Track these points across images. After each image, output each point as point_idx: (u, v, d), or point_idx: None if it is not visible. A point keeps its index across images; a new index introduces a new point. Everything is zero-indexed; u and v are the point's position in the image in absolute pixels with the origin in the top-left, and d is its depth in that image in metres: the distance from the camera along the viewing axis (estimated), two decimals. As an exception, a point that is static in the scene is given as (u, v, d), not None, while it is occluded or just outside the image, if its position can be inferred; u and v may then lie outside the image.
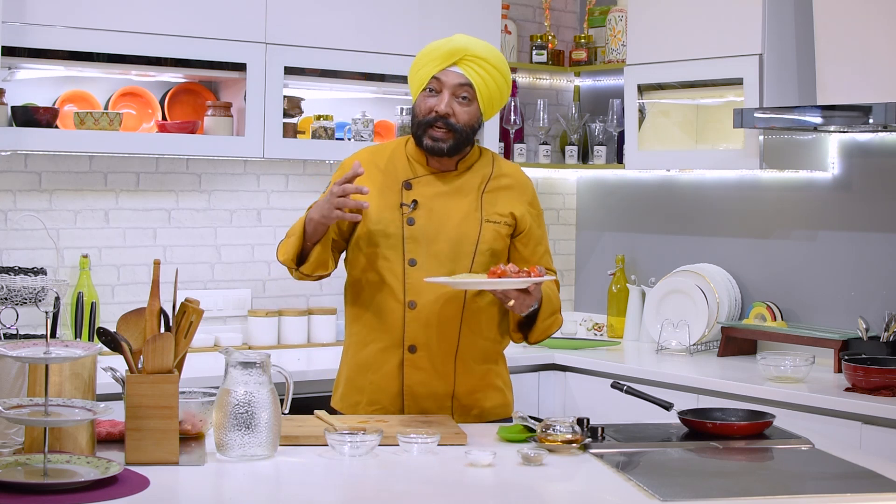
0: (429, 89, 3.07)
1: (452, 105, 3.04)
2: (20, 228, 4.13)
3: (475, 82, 3.04)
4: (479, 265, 3.07)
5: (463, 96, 3.05)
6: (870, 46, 3.90)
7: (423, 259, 3.05)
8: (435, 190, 3.10)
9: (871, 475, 2.57)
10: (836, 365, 4.14)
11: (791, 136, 4.37)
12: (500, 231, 3.11)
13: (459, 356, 3.08)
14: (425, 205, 3.08)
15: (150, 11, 4.02)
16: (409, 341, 3.06)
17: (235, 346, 4.37)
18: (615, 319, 5.02)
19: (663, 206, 5.05)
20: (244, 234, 4.60)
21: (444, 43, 3.06)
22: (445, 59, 3.04)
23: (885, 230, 4.31)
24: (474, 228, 3.08)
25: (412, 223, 3.07)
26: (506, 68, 3.10)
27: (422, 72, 3.07)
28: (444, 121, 3.04)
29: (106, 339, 2.55)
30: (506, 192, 3.15)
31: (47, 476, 2.29)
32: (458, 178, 3.13)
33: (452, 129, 3.05)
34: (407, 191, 3.10)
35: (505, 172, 3.18)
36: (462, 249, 3.07)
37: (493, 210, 3.11)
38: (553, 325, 3.12)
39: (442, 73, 3.05)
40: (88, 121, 3.97)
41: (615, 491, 2.42)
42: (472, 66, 3.04)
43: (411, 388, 3.07)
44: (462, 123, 3.05)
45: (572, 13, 5.45)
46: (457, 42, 3.05)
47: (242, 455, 2.55)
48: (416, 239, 3.05)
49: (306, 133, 4.53)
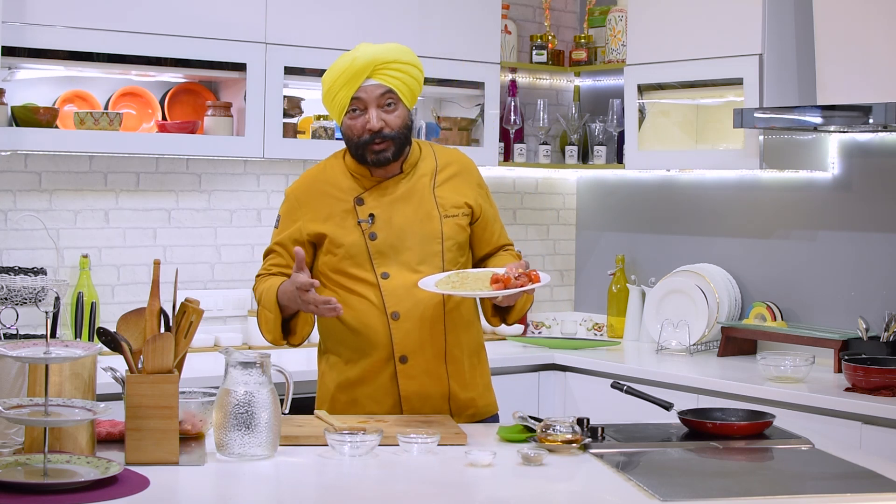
0: (352, 109, 3.04)
1: (381, 117, 3.02)
2: (20, 228, 4.13)
3: (395, 86, 3.02)
4: (449, 262, 3.06)
5: (388, 104, 3.03)
6: (870, 46, 3.90)
7: (395, 269, 3.04)
8: (387, 198, 3.08)
9: (871, 475, 2.57)
10: (836, 365, 4.14)
11: (791, 136, 4.37)
12: (461, 223, 3.11)
13: (449, 355, 3.08)
14: (382, 216, 3.06)
15: (150, 11, 4.02)
16: (399, 352, 3.04)
17: (235, 346, 4.36)
18: (615, 319, 5.02)
19: (663, 206, 5.05)
20: (244, 234, 4.60)
21: (350, 62, 3.00)
22: (358, 77, 3.00)
23: (885, 230, 4.31)
24: (436, 227, 3.07)
25: (374, 238, 3.05)
26: (413, 57, 3.06)
27: (339, 96, 3.03)
28: (380, 135, 3.02)
29: (106, 339, 2.55)
30: (455, 180, 3.14)
31: (47, 476, 2.29)
32: (407, 181, 3.11)
33: (390, 138, 3.03)
34: (360, 206, 3.07)
35: (449, 160, 3.17)
36: (429, 250, 3.06)
37: (448, 204, 3.11)
38: (527, 302, 3.11)
39: (359, 90, 3.02)
40: (88, 121, 3.97)
41: (615, 491, 2.42)
42: (386, 71, 3.01)
43: (408, 397, 3.06)
44: (397, 128, 3.03)
45: (572, 13, 5.45)
46: (363, 56, 3.00)
47: (242, 455, 2.55)
48: (382, 252, 3.04)
49: (306, 133, 4.53)
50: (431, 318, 3.04)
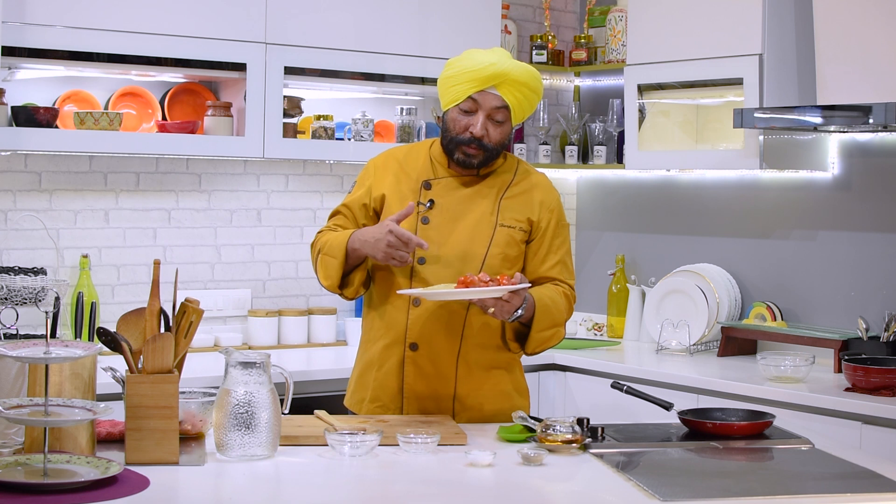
0: (464, 108, 3.05)
1: (487, 126, 3.04)
2: (20, 228, 4.13)
3: (512, 105, 3.04)
4: (488, 269, 3.04)
5: (498, 119, 3.05)
6: (870, 46, 3.90)
7: (433, 258, 3.05)
8: (453, 192, 3.11)
9: (871, 475, 2.57)
10: (836, 365, 4.14)
11: (791, 136, 4.37)
12: (515, 236, 3.09)
13: (462, 357, 3.07)
14: (441, 205, 3.09)
15: (150, 11, 4.02)
16: (410, 339, 3.06)
17: (235, 346, 4.37)
18: (615, 319, 5.02)
19: (663, 206, 5.05)
20: (244, 234, 4.60)
21: (486, 66, 3.01)
22: (485, 83, 3.01)
23: (885, 230, 4.31)
24: (487, 232, 3.07)
25: (426, 222, 3.07)
26: (540, 85, 3.09)
27: (457, 88, 3.04)
28: (479, 143, 3.04)
29: (106, 339, 2.55)
30: (526, 196, 3.13)
31: (47, 476, 2.29)
32: (478, 182, 3.12)
33: (485, 149, 3.05)
34: (426, 190, 3.10)
35: (529, 179, 3.16)
36: (473, 252, 3.05)
37: (509, 215, 3.10)
38: (553, 337, 3.08)
39: (479, 94, 3.03)
40: (88, 121, 3.97)
41: (615, 491, 2.42)
42: (511, 89, 3.03)
43: (411, 387, 3.07)
44: (494, 143, 3.06)
45: (572, 13, 5.45)
46: (499, 66, 3.01)
47: (242, 455, 2.55)
48: (428, 238, 3.04)
49: (306, 133, 4.53)
50: (452, 315, 3.04)
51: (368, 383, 3.13)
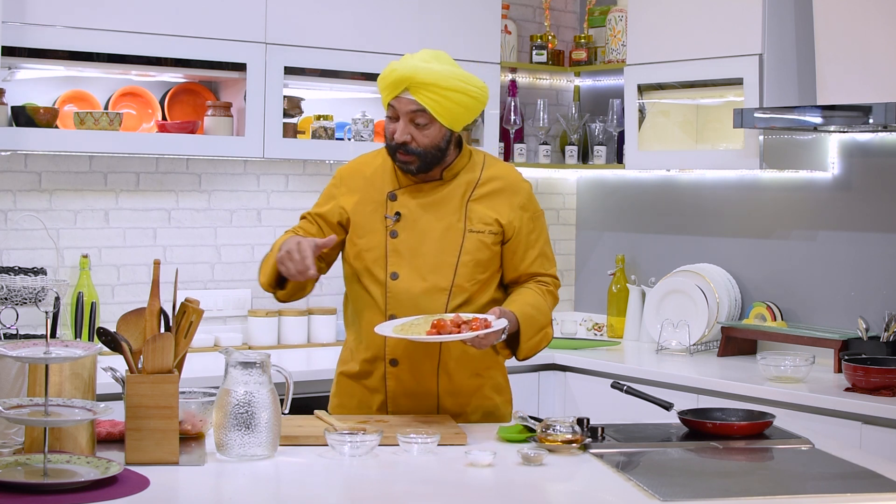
0: (389, 115, 3.03)
1: (410, 131, 2.98)
2: (20, 228, 4.13)
3: (429, 106, 2.96)
4: (461, 276, 3.02)
5: (419, 122, 2.98)
6: (870, 46, 3.90)
7: (406, 272, 3.02)
8: (418, 201, 3.06)
9: (871, 475, 2.57)
10: (836, 365, 4.14)
11: (791, 136, 4.37)
12: (485, 240, 3.04)
13: (443, 369, 3.05)
14: (408, 217, 3.05)
15: (150, 11, 4.02)
16: (390, 355, 3.04)
17: (235, 346, 4.37)
18: (615, 319, 5.02)
19: (663, 206, 5.05)
20: (244, 234, 4.60)
21: (391, 71, 2.97)
22: (395, 88, 2.97)
23: (885, 230, 4.31)
24: (456, 240, 3.03)
25: (395, 236, 3.04)
26: (461, 84, 2.96)
27: (381, 97, 3.03)
28: (405, 148, 2.99)
29: (106, 339, 2.55)
30: (493, 197, 3.07)
31: (47, 476, 2.29)
32: (443, 188, 3.07)
33: (414, 154, 3.00)
34: (392, 202, 3.07)
35: (496, 175, 3.10)
36: (444, 262, 3.02)
37: (477, 219, 3.05)
38: (542, 341, 3.05)
39: (395, 100, 2.99)
40: (88, 121, 3.97)
41: (615, 491, 2.42)
42: (423, 91, 2.95)
43: (395, 401, 3.06)
44: (423, 146, 2.99)
45: (572, 13, 5.45)
46: (402, 70, 2.95)
47: (242, 455, 2.55)
48: (398, 252, 3.03)
49: (306, 133, 4.53)
50: None
51: (353, 392, 3.11)
